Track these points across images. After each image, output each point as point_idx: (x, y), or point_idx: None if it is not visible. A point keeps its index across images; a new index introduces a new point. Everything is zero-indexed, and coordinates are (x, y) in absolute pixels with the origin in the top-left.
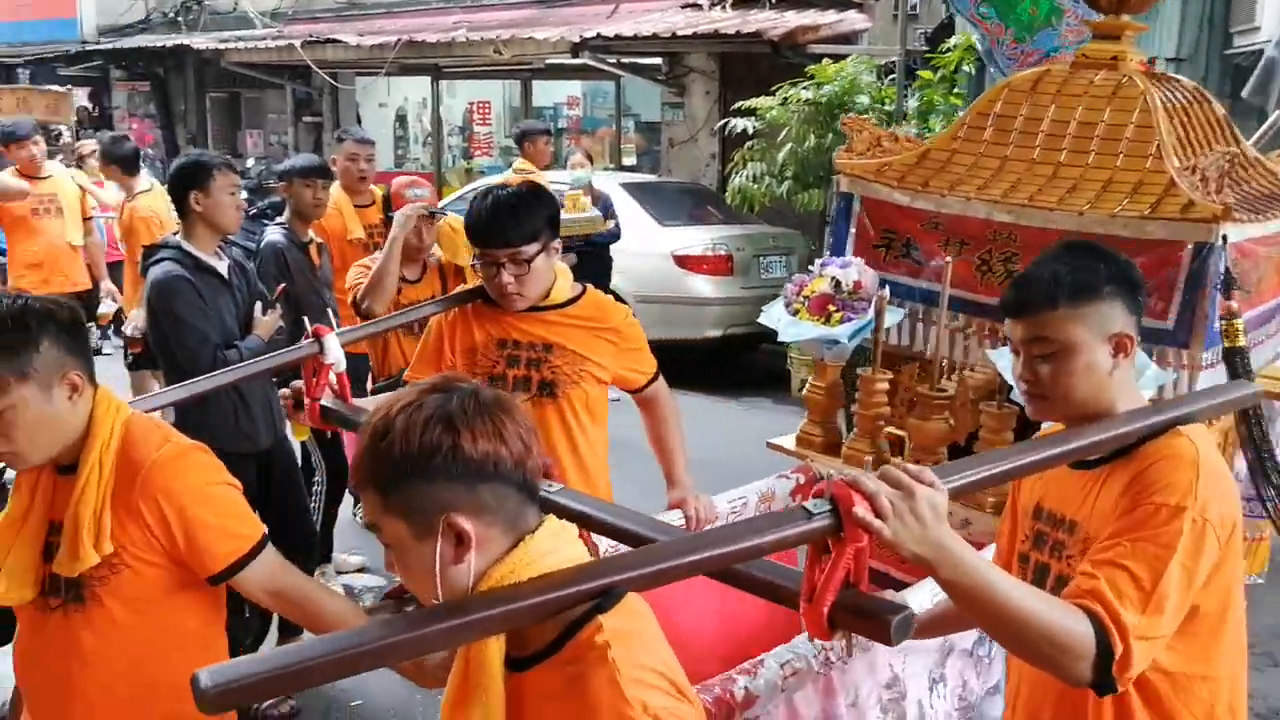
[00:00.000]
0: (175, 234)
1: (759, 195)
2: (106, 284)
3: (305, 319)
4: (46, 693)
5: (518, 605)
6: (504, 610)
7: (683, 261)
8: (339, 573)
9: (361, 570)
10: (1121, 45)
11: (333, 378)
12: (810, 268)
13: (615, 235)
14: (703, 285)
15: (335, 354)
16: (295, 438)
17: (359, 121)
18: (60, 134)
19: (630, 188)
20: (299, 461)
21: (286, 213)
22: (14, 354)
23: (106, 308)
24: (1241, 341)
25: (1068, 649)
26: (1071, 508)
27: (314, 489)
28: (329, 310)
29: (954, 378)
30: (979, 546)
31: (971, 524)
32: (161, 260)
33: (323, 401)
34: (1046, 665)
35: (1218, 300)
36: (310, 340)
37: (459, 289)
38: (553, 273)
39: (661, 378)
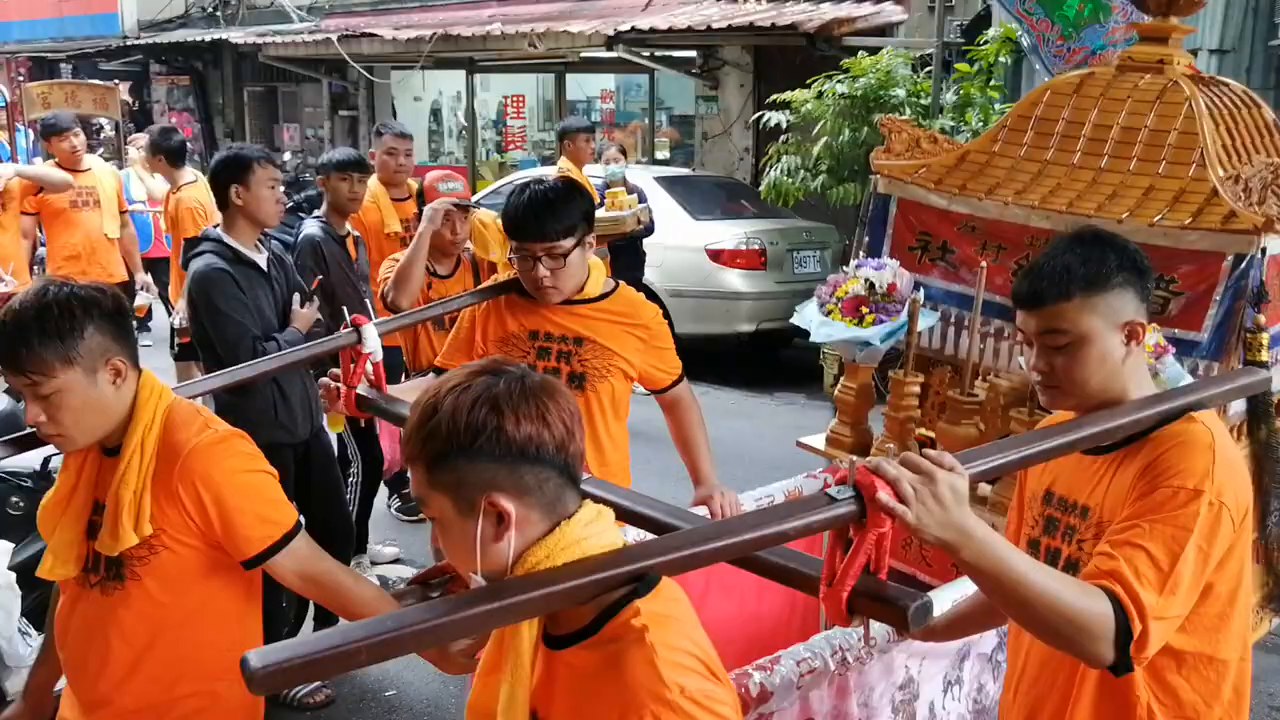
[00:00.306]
0: (216, 226)
1: (793, 189)
2: (141, 276)
3: (344, 310)
4: (84, 664)
5: (555, 589)
6: (542, 594)
7: (716, 256)
8: (374, 563)
9: (396, 561)
10: (1169, 48)
11: (369, 368)
12: (844, 268)
13: (649, 229)
14: (736, 279)
15: (373, 344)
16: (331, 429)
17: (394, 115)
18: (101, 128)
19: (664, 181)
20: (335, 453)
21: (323, 206)
22: (60, 340)
23: (142, 300)
24: (1265, 356)
25: (1088, 629)
26: (1083, 493)
27: (349, 480)
28: (366, 303)
29: (985, 382)
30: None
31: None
32: (202, 253)
33: (359, 390)
34: (1066, 645)
35: (1250, 315)
36: (349, 330)
37: (492, 281)
38: (587, 267)
39: (686, 380)
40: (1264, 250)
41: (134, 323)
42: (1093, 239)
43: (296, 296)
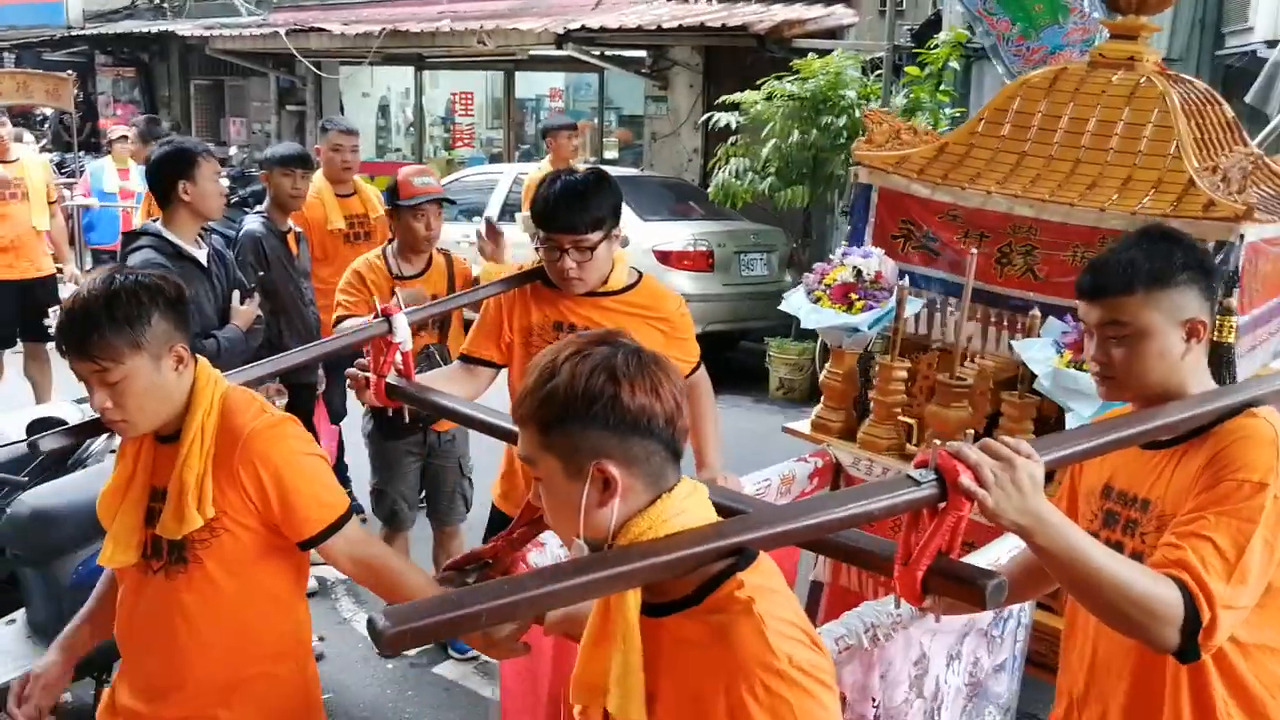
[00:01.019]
0: (155, 220)
1: (741, 191)
2: (70, 269)
3: (284, 307)
4: (152, 649)
5: (662, 559)
6: (650, 564)
7: (664, 257)
8: (312, 564)
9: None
10: (1139, 45)
11: (398, 357)
12: (831, 257)
13: None
14: (683, 281)
15: (403, 333)
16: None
17: (342, 110)
18: (45, 118)
19: None
20: None
21: (266, 201)
22: (130, 327)
23: (69, 293)
24: (1231, 339)
25: (1158, 614)
26: (1144, 487)
27: None
28: (306, 300)
29: (968, 365)
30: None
31: None
32: (141, 247)
33: (389, 380)
34: (1135, 630)
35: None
36: (379, 319)
37: (515, 272)
38: (612, 259)
39: (703, 367)
40: (1242, 237)
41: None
42: (1160, 236)
43: (236, 293)
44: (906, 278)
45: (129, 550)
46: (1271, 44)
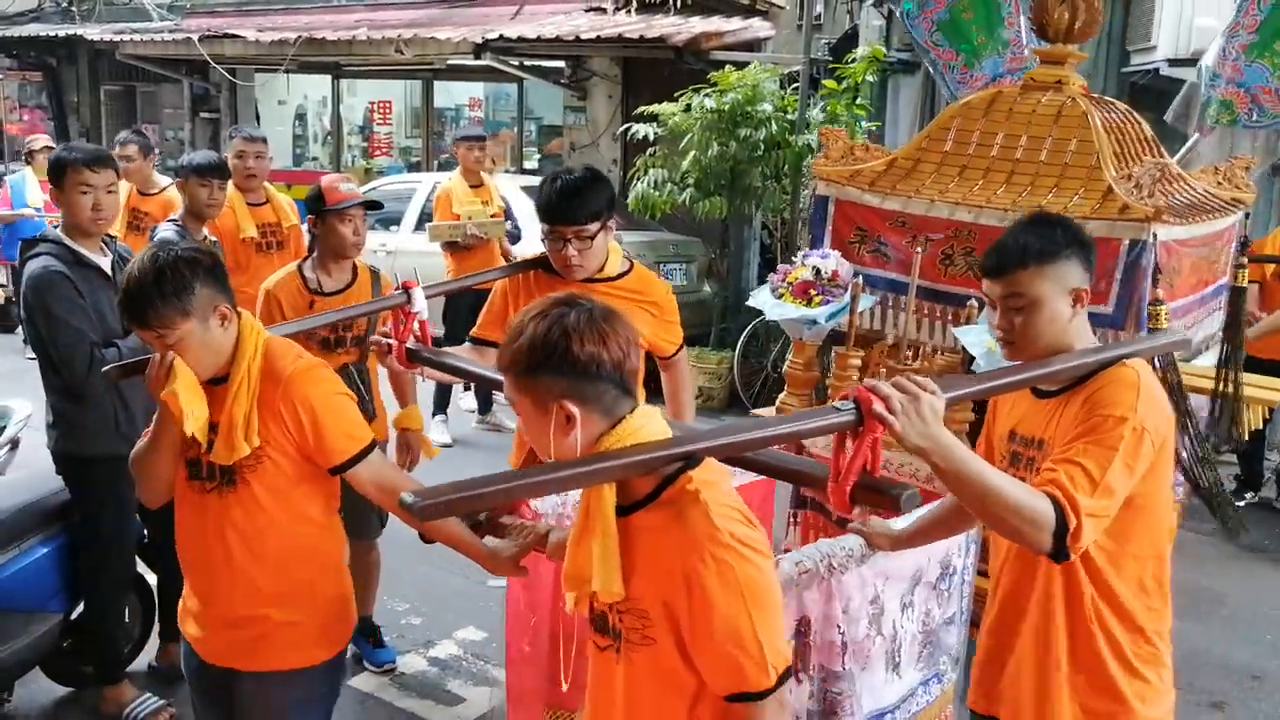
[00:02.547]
0: (56, 227)
1: (660, 202)
2: None
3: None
4: (211, 560)
5: (632, 460)
6: (622, 463)
7: None
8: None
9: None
10: (1065, 70)
11: (416, 326)
12: (793, 258)
13: (516, 237)
14: None
15: (420, 304)
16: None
17: (258, 119)
18: None
19: (532, 191)
20: None
21: (180, 210)
22: (178, 298)
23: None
24: (1164, 324)
25: (1033, 520)
26: (1040, 429)
27: None
28: None
29: (917, 356)
30: (933, 498)
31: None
32: (39, 254)
33: (408, 345)
34: (1015, 535)
35: (1149, 290)
36: (399, 291)
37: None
38: (608, 249)
39: (685, 348)
40: (1155, 235)
41: None
42: (1043, 219)
43: None
44: (860, 277)
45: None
46: (1174, 63)
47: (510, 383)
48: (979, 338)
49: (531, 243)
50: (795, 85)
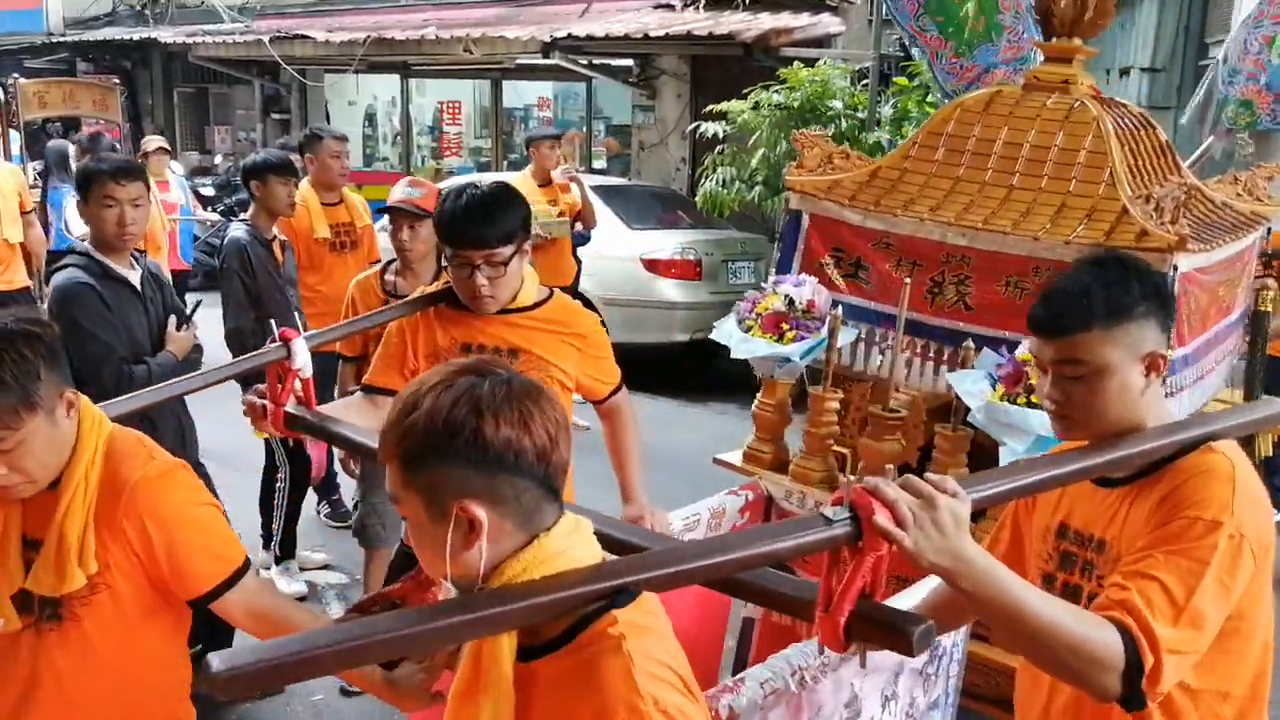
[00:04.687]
0: (84, 240)
1: (728, 200)
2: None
3: (270, 316)
4: (15, 713)
5: (532, 603)
6: (519, 608)
7: (651, 265)
8: (302, 569)
9: (325, 568)
10: (1073, 69)
11: (298, 384)
12: (763, 284)
13: (585, 238)
14: (671, 289)
15: (302, 359)
16: (256, 435)
17: (327, 119)
18: (43, 124)
19: (600, 190)
20: (266, 458)
21: (252, 209)
22: (21, 387)
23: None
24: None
25: (1096, 660)
26: (1100, 526)
27: (278, 486)
28: (292, 308)
29: (901, 395)
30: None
31: None
32: (66, 266)
33: (287, 408)
34: (1072, 678)
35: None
36: (277, 344)
37: (420, 292)
38: (522, 275)
39: (625, 389)
40: (1176, 268)
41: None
42: (1114, 263)
43: (173, 318)
44: (839, 307)
45: (11, 618)
46: None
47: (394, 475)
48: (977, 386)
49: (599, 243)
50: (865, 82)
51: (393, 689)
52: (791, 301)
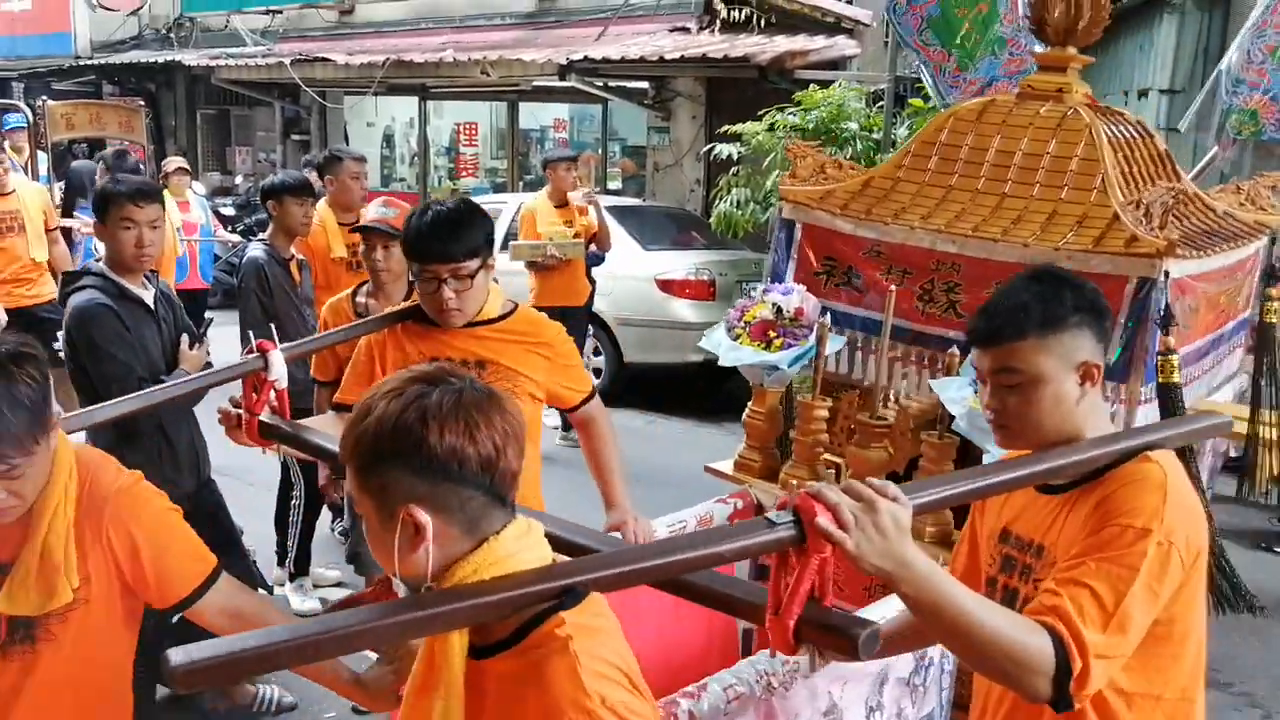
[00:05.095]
0: (98, 260)
1: (743, 221)
2: None
3: (288, 334)
4: None
5: (481, 602)
6: (468, 605)
7: (666, 285)
8: (316, 586)
9: (339, 585)
10: (1067, 77)
11: (272, 396)
12: (751, 293)
13: (599, 258)
14: (685, 310)
15: (279, 370)
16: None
17: (346, 140)
18: (69, 145)
19: (615, 211)
20: (280, 475)
21: (270, 229)
22: (37, 411)
23: None
24: (1176, 378)
25: (1026, 664)
26: (1039, 531)
27: (293, 503)
28: (309, 327)
29: (890, 405)
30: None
31: None
32: (83, 287)
33: (262, 418)
34: (1005, 680)
35: (1157, 336)
36: (254, 355)
37: (391, 310)
38: (488, 289)
39: (598, 398)
40: (1167, 274)
41: None
42: (1050, 277)
43: (185, 337)
44: (829, 314)
45: None
46: None
47: (351, 478)
48: (960, 393)
49: (613, 263)
50: (881, 103)
51: (362, 689)
52: (779, 309)
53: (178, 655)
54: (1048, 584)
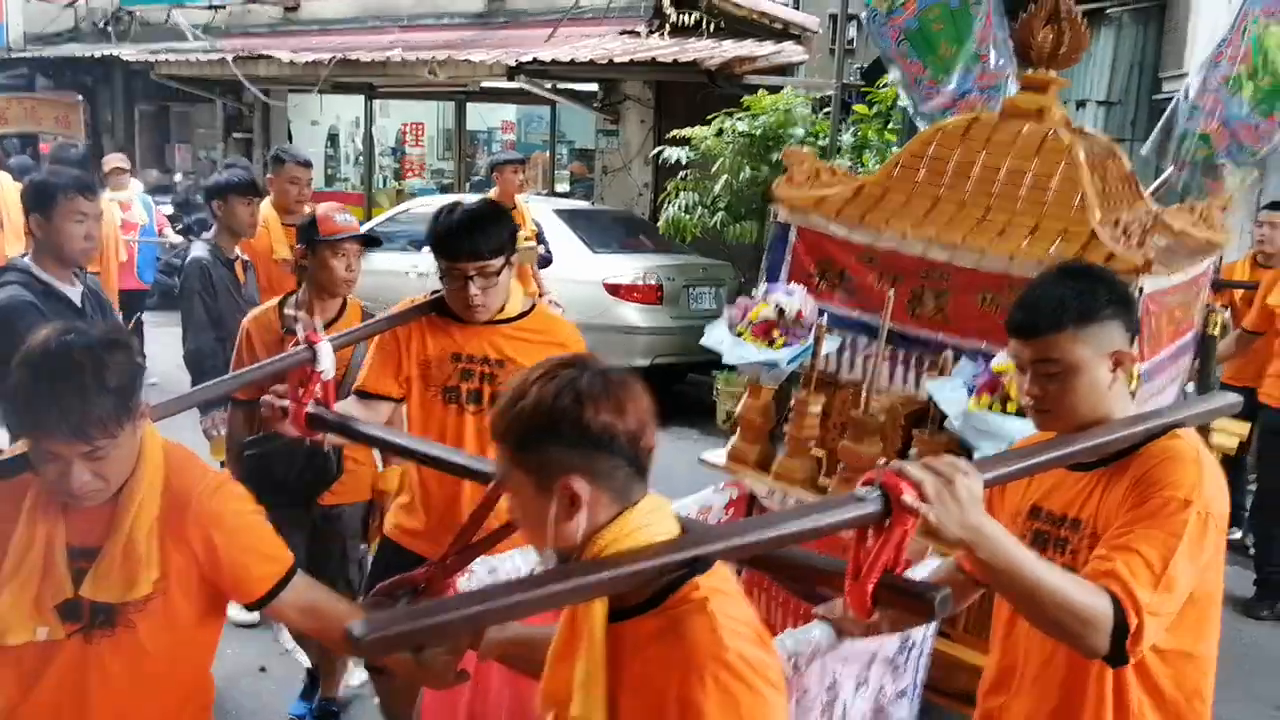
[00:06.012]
0: (25, 255)
1: (691, 226)
2: None
3: (231, 336)
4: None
5: (621, 572)
6: (610, 575)
7: (614, 290)
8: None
9: None
10: (1048, 98)
11: (318, 388)
12: (753, 293)
13: (546, 260)
14: (632, 314)
15: (326, 362)
16: (213, 456)
17: (290, 138)
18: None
19: (563, 214)
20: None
21: (214, 229)
22: (124, 394)
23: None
24: (1134, 386)
25: (1089, 621)
26: (1074, 507)
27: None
28: None
29: (878, 399)
30: (908, 565)
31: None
32: (7, 284)
33: (309, 409)
34: (1067, 637)
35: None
36: (304, 347)
37: (411, 304)
38: (510, 286)
39: None
40: (1141, 289)
41: None
42: (1083, 273)
43: None
44: (825, 315)
45: (43, 618)
46: None
47: (504, 455)
48: (955, 394)
49: (561, 266)
50: (827, 110)
51: (421, 669)
52: (782, 310)
53: (360, 627)
54: (1099, 550)
